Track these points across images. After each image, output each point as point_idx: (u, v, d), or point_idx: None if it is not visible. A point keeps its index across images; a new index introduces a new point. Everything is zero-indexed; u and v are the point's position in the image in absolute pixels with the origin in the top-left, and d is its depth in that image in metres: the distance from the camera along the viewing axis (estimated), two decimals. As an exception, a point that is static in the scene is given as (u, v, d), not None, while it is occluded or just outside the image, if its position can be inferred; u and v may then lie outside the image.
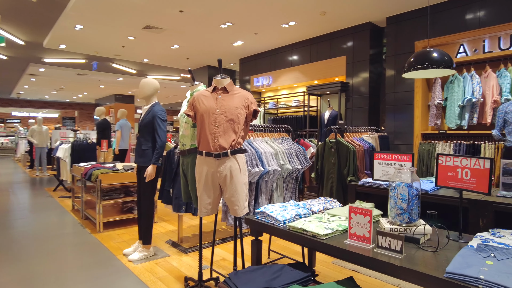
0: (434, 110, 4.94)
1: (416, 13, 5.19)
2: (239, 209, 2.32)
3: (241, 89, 2.38)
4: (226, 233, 4.11)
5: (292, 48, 7.26)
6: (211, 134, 2.26)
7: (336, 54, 6.41)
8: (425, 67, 3.24)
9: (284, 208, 2.33)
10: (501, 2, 4.37)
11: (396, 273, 1.59)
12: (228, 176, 2.28)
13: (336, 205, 2.63)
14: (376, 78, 6.12)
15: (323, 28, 6.29)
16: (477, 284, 1.31)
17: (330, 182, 3.93)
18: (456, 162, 2.02)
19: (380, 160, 2.43)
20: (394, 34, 5.50)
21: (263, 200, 2.75)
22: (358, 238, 1.86)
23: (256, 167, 2.57)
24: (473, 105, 4.50)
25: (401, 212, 1.93)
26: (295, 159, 2.91)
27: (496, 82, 4.30)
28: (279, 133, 3.17)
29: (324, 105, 6.92)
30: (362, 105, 6.04)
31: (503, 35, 4.39)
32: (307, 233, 2.00)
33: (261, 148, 2.74)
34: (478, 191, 1.92)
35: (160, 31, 6.54)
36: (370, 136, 4.32)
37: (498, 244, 1.70)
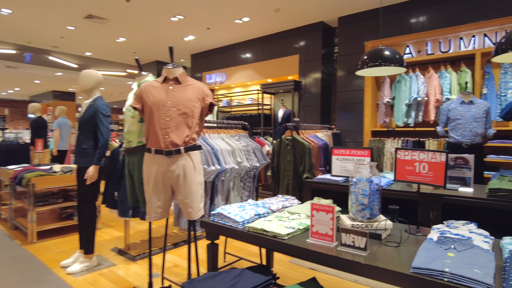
0: (383, 109, 5.13)
1: (367, 14, 5.36)
2: (194, 212, 2.13)
3: (195, 80, 2.19)
4: (178, 237, 3.86)
5: (245, 45, 7.15)
6: (161, 129, 2.04)
7: (289, 52, 6.42)
8: (378, 64, 3.30)
9: (242, 208, 2.19)
10: (441, 9, 4.66)
11: (362, 272, 1.53)
12: (181, 175, 2.07)
13: (295, 203, 2.55)
14: (328, 77, 6.24)
15: (277, 26, 6.27)
16: (443, 277, 1.30)
17: (286, 179, 3.86)
18: (414, 156, 2.03)
19: (338, 156, 2.39)
20: (345, 34, 5.64)
21: (220, 201, 2.58)
22: (320, 236, 1.78)
23: (212, 166, 2.40)
24: (418, 103, 4.74)
25: (362, 208, 1.89)
26: (252, 156, 2.78)
27: (438, 83, 4.57)
28: (235, 130, 3.02)
29: (278, 104, 6.91)
30: (314, 104, 6.12)
31: (442, 39, 4.69)
32: (267, 233, 1.87)
33: (217, 145, 2.57)
34: (435, 184, 1.94)
35: (104, 22, 6.05)
36: (324, 133, 4.35)
37: (455, 235, 1.72)
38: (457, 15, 4.52)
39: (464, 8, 4.47)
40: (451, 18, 4.56)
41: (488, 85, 4.27)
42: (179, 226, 2.77)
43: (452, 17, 4.56)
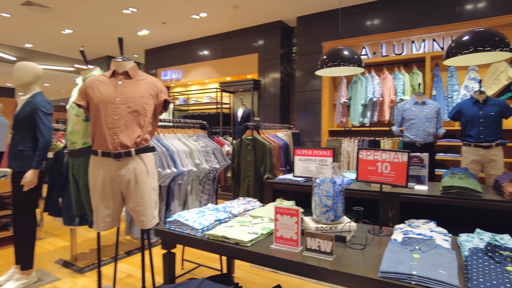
0: (340, 109, 5.22)
1: (325, 15, 5.42)
2: (147, 220, 1.94)
3: (148, 75, 1.99)
4: (131, 244, 3.59)
5: (203, 41, 6.94)
6: (109, 129, 1.82)
7: (249, 51, 6.33)
8: (337, 64, 3.31)
9: (201, 213, 2.04)
10: (395, 12, 4.83)
11: (328, 278, 1.46)
12: (132, 180, 1.87)
13: (257, 205, 2.45)
14: (287, 77, 6.24)
15: (235, 23, 6.14)
16: (411, 280, 1.27)
17: (247, 180, 3.76)
18: (376, 156, 2.03)
19: (300, 156, 2.33)
20: (303, 34, 5.66)
21: (176, 206, 2.41)
22: (285, 241, 1.69)
23: (168, 168, 2.21)
24: (374, 104, 4.88)
25: (326, 210, 1.83)
26: (212, 157, 2.64)
27: (392, 84, 4.73)
28: (193, 129, 2.85)
29: (237, 103, 6.80)
30: (274, 103, 6.09)
31: (396, 42, 4.87)
32: (229, 241, 1.75)
33: (173, 146, 2.38)
34: (397, 184, 1.94)
35: (47, 10, 5.51)
36: (284, 133, 4.31)
37: (417, 235, 1.73)
38: (409, 20, 4.72)
39: (415, 13, 4.68)
40: (403, 22, 4.75)
41: (436, 87, 4.51)
42: (131, 235, 2.54)
43: (404, 21, 4.75)
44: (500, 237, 1.67)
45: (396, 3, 4.80)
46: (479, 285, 1.18)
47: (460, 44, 2.70)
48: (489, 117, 3.29)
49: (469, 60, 2.87)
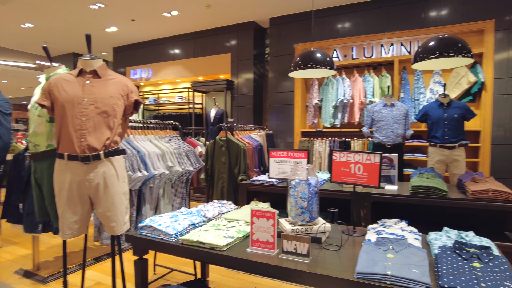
0: (312, 110, 5.30)
1: (297, 16, 5.47)
2: (118, 226, 1.85)
3: (117, 74, 1.90)
4: (100, 250, 3.44)
5: (174, 40, 6.79)
6: (76, 131, 1.72)
7: (221, 51, 6.28)
8: (310, 66, 3.35)
9: (174, 218, 1.98)
10: (364, 16, 4.97)
11: (306, 281, 1.46)
12: (101, 185, 1.78)
13: (232, 208, 2.42)
14: (260, 78, 6.25)
15: (208, 22, 6.06)
16: (386, 280, 1.30)
17: (221, 182, 3.72)
18: (349, 158, 2.06)
19: (276, 158, 2.33)
20: (276, 36, 5.69)
21: (148, 211, 2.32)
22: (261, 244, 1.68)
23: (139, 172, 2.13)
24: (344, 105, 4.99)
25: (301, 211, 1.83)
26: (185, 159, 2.57)
27: (362, 86, 4.86)
28: (165, 131, 2.77)
29: (210, 103, 6.72)
30: (247, 104, 6.08)
31: (366, 45, 5.01)
32: (204, 245, 1.71)
33: (144, 148, 2.29)
34: (370, 185, 1.98)
35: (5, 2, 5.16)
36: (258, 134, 4.31)
37: (390, 235, 1.77)
38: (378, 24, 4.87)
39: (384, 18, 4.83)
40: (373, 26, 4.89)
41: (404, 90, 4.68)
42: (100, 241, 2.43)
43: (374, 25, 4.89)
44: (466, 234, 1.75)
45: (365, 7, 4.94)
46: (449, 282, 1.22)
47: (427, 49, 2.82)
48: (453, 119, 3.46)
49: (435, 64, 3.00)
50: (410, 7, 4.66)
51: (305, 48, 5.37)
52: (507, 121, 4.11)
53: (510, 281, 1.22)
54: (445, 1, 4.44)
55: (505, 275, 1.26)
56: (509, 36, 4.11)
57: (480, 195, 2.38)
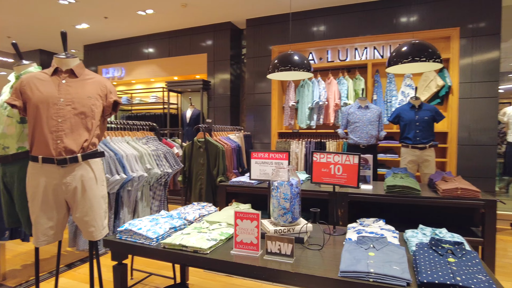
0: (288, 111, 5.36)
1: (273, 18, 5.52)
2: (97, 231, 1.79)
3: (95, 74, 1.84)
4: (73, 256, 3.30)
5: (149, 39, 6.65)
6: (52, 133, 1.64)
7: (197, 50, 6.21)
8: (288, 69, 3.39)
9: (155, 221, 1.94)
10: (339, 20, 5.09)
11: (290, 281, 1.48)
12: (78, 189, 1.71)
13: (212, 210, 2.40)
14: (236, 79, 6.24)
15: (184, 22, 5.98)
16: (369, 278, 1.34)
17: (199, 184, 3.68)
18: (329, 159, 2.10)
19: (257, 159, 2.33)
20: (253, 37, 5.71)
21: (126, 214, 2.25)
22: (245, 246, 1.68)
23: (117, 174, 2.06)
24: (320, 107, 5.09)
25: (284, 212, 1.86)
26: (164, 161, 2.52)
27: (337, 88, 4.98)
28: (142, 132, 2.70)
29: (186, 103, 6.63)
30: (223, 105, 6.05)
31: (341, 48, 5.13)
32: (187, 249, 1.69)
33: (121, 150, 2.22)
34: (349, 185, 2.04)
35: (-37, -5, 4.83)
36: (236, 135, 4.30)
37: (370, 233, 1.83)
38: (352, 28, 5.00)
39: (358, 22, 4.97)
40: (347, 30, 5.02)
41: (377, 92, 4.84)
42: (76, 247, 2.32)
43: (348, 29, 5.02)
44: (439, 231, 1.83)
45: (339, 11, 5.06)
46: (427, 277, 1.28)
47: (400, 54, 2.94)
48: (424, 121, 3.62)
49: (408, 68, 3.13)
50: (381, 13, 4.83)
51: (281, 50, 5.42)
52: (471, 123, 4.36)
53: (481, 273, 1.29)
54: (414, 8, 4.64)
55: (477, 268, 1.34)
56: (472, 43, 4.36)
57: (450, 193, 2.51)
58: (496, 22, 4.27)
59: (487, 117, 4.28)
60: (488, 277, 1.27)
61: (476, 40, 4.34)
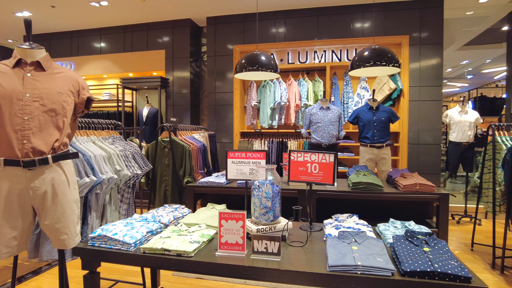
0: (250, 111, 5.39)
1: (234, 18, 5.51)
2: (69, 239, 1.64)
3: (65, 68, 1.69)
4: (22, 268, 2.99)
5: (101, 32, 6.25)
6: (16, 132, 1.48)
7: (155, 47, 5.98)
8: (256, 69, 3.41)
9: (130, 226, 1.85)
10: (298, 23, 5.23)
11: (280, 279, 1.50)
12: (49, 193, 1.56)
13: (186, 212, 2.35)
14: (196, 77, 6.13)
15: (141, 16, 5.72)
16: (356, 270, 1.40)
17: (164, 185, 3.56)
18: (306, 158, 2.16)
19: (234, 159, 2.32)
20: (213, 35, 5.64)
21: (94, 219, 2.09)
22: (230, 246, 1.67)
23: (86, 177, 1.90)
24: (281, 108, 5.19)
25: (266, 211, 1.87)
26: (132, 162, 2.39)
27: (297, 89, 5.12)
28: (107, 131, 2.53)
29: (142, 101, 6.35)
30: (183, 103, 5.91)
31: (301, 51, 5.28)
32: (170, 253, 1.63)
33: (88, 151, 2.06)
34: (325, 182, 2.11)
35: None
36: (201, 134, 4.22)
37: (348, 228, 1.91)
38: (311, 31, 5.17)
39: (316, 26, 5.16)
40: (306, 32, 5.18)
41: (334, 94, 5.07)
42: (39, 257, 2.10)
43: (307, 32, 5.18)
44: (408, 224, 1.98)
45: (299, 14, 5.20)
46: (409, 266, 1.38)
47: (362, 58, 3.11)
48: (381, 121, 3.88)
49: (368, 72, 3.32)
50: (338, 18, 5.06)
51: (243, 50, 5.44)
52: (419, 124, 4.75)
53: (453, 260, 1.42)
54: (368, 15, 4.94)
55: (448, 255, 1.47)
56: (420, 50, 4.76)
57: (410, 188, 2.71)
58: (439, 32, 4.71)
59: (432, 119, 4.70)
60: (460, 263, 1.40)
61: (422, 48, 4.74)
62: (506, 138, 3.21)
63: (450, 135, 4.71)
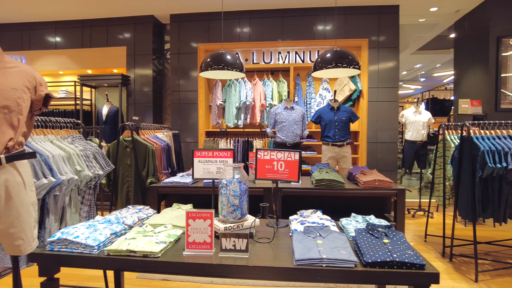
0: (215, 110, 5.37)
1: (198, 16, 5.45)
2: (26, 244, 1.54)
3: (19, 62, 1.58)
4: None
5: (57, 26, 5.90)
6: (-37, 130, 1.37)
7: (116, 43, 5.76)
8: (222, 68, 3.41)
9: (93, 228, 1.78)
10: (262, 23, 5.28)
11: (248, 275, 1.52)
12: (2, 196, 1.46)
13: (151, 213, 2.30)
14: (159, 75, 5.99)
15: (101, 11, 5.48)
16: (322, 263, 1.46)
17: (126, 186, 3.45)
18: (272, 156, 2.20)
19: (200, 158, 2.31)
20: (177, 33, 5.55)
21: (52, 223, 1.97)
22: (198, 246, 1.66)
23: (44, 178, 1.79)
24: (246, 107, 5.23)
25: (234, 209, 1.89)
26: (94, 162, 2.29)
27: (262, 89, 5.17)
28: (66, 130, 2.41)
29: (102, 99, 6.09)
30: (145, 102, 5.75)
31: (265, 51, 5.35)
32: (136, 254, 1.59)
33: (46, 151, 1.93)
34: (291, 180, 2.17)
35: None
36: (165, 134, 4.14)
37: (312, 223, 1.98)
38: (275, 32, 5.25)
39: (280, 27, 5.24)
40: (271, 33, 5.25)
41: (298, 94, 5.19)
42: (-11, 265, 1.94)
43: (272, 33, 5.25)
44: (369, 218, 2.09)
45: (264, 15, 5.26)
46: (371, 257, 1.46)
47: (325, 60, 3.22)
48: (342, 121, 4.03)
49: (330, 73, 3.44)
50: (301, 20, 5.19)
51: (208, 49, 5.40)
52: (377, 123, 5.00)
53: (409, 249, 1.53)
54: (330, 18, 5.11)
55: (405, 246, 1.58)
56: (378, 54, 5.01)
57: (369, 185, 2.85)
58: (395, 37, 4.99)
59: (389, 119, 4.98)
60: (415, 252, 1.51)
61: (381, 51, 5.00)
62: (455, 137, 3.48)
63: (406, 134, 5.01)
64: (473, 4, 4.99)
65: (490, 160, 2.69)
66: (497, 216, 2.80)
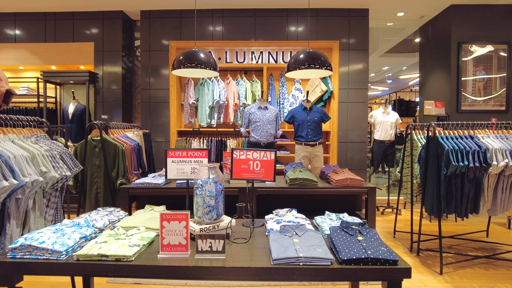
0: (188, 109, 5.28)
1: (170, 13, 5.33)
2: (-14, 250, 1.44)
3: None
4: None
5: (17, 18, 5.54)
6: None
7: (82, 38, 5.51)
8: (195, 66, 3.36)
9: (60, 232, 1.69)
10: (235, 22, 5.26)
11: (226, 276, 1.51)
12: (-42, 199, 1.35)
13: (122, 215, 2.22)
14: (129, 72, 5.80)
15: (66, 4, 5.21)
16: (299, 262, 1.47)
17: (94, 188, 3.31)
18: (248, 156, 2.19)
19: (174, 158, 2.26)
20: (147, 30, 5.40)
21: (14, 228, 1.84)
22: (173, 248, 1.62)
23: (4, 180, 1.66)
24: (220, 106, 5.18)
25: (209, 210, 1.87)
26: (60, 163, 2.16)
27: (236, 89, 5.15)
28: (29, 129, 2.26)
29: (67, 97, 5.80)
30: (114, 100, 5.55)
31: (238, 50, 5.33)
32: (108, 258, 1.53)
33: (6, 151, 1.80)
34: (267, 179, 2.17)
35: None
36: (135, 133, 4.01)
37: (288, 222, 1.99)
38: (249, 32, 5.24)
39: (253, 27, 5.24)
40: (244, 33, 5.23)
41: (271, 94, 5.22)
42: None
43: (245, 32, 5.23)
44: (342, 216, 2.13)
45: (237, 14, 5.24)
46: (346, 254, 1.49)
47: (298, 61, 3.25)
48: (314, 121, 4.10)
49: (303, 74, 3.48)
50: (274, 21, 5.22)
51: (180, 47, 5.30)
52: (347, 124, 5.14)
53: (383, 246, 1.57)
54: (302, 19, 5.18)
55: (378, 242, 1.62)
56: (348, 56, 5.14)
57: (341, 183, 2.92)
58: (365, 39, 5.14)
59: (359, 119, 5.12)
60: (388, 248, 1.55)
61: (351, 53, 5.13)
62: (421, 137, 3.64)
63: (375, 134, 5.19)
64: (436, 10, 5.25)
65: (454, 159, 2.84)
66: (459, 211, 2.96)
